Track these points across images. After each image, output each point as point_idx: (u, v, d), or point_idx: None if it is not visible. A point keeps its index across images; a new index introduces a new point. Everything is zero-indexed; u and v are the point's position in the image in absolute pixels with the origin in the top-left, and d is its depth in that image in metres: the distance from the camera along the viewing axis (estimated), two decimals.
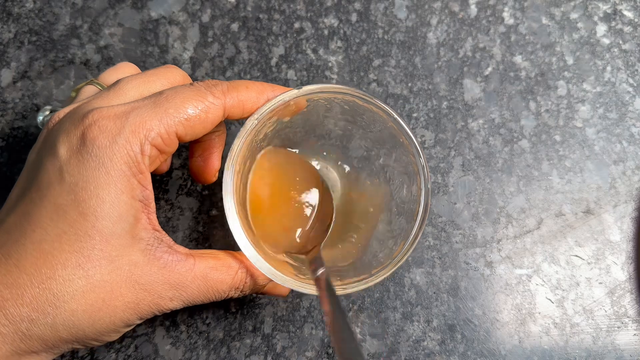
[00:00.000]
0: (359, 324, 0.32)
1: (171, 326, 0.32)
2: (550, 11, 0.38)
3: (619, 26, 0.38)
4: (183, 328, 0.32)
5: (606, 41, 0.38)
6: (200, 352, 0.31)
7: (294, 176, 0.31)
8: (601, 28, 0.38)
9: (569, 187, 0.35)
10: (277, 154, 0.31)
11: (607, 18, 0.38)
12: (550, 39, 0.38)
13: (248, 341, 0.32)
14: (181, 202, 0.34)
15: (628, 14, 0.39)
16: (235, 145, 0.26)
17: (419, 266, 0.33)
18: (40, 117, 0.30)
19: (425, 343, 0.32)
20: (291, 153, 0.32)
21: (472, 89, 0.37)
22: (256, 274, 0.26)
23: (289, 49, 0.37)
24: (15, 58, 0.35)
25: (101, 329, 0.22)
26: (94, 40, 0.36)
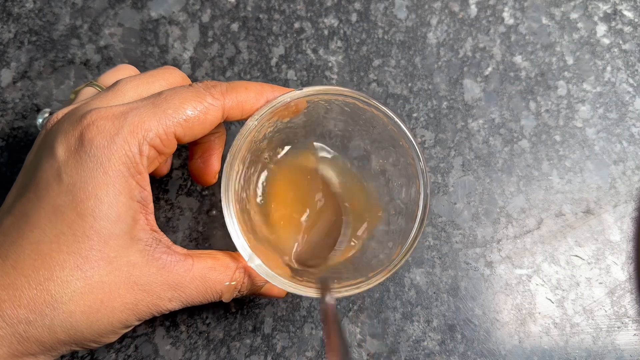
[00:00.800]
0: (359, 324, 0.32)
1: (171, 326, 0.32)
2: (550, 11, 0.38)
3: (619, 26, 0.38)
4: (183, 328, 0.32)
5: (606, 41, 0.38)
6: (200, 352, 0.31)
7: (306, 188, 0.31)
8: (601, 28, 0.38)
9: (569, 187, 0.35)
10: (290, 165, 0.31)
11: (607, 18, 0.38)
12: (550, 39, 0.38)
13: (248, 341, 0.32)
14: (181, 202, 0.34)
15: (628, 14, 0.39)
16: (234, 146, 0.26)
17: (419, 266, 0.33)
18: (39, 120, 0.30)
19: (425, 343, 0.32)
20: (304, 165, 0.32)
21: (472, 89, 0.37)
22: (254, 275, 0.26)
23: (289, 49, 0.36)
24: (15, 58, 0.35)
25: (99, 331, 0.22)
26: (94, 40, 0.36)
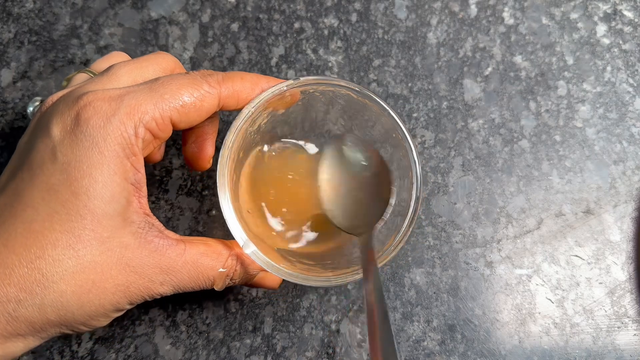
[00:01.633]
0: (359, 324, 0.32)
1: (171, 326, 0.32)
2: (550, 11, 0.38)
3: (619, 26, 0.38)
4: (183, 328, 0.32)
5: (606, 41, 0.38)
6: (200, 352, 0.31)
7: (302, 172, 0.31)
8: (601, 28, 0.38)
9: (569, 187, 0.35)
10: (284, 154, 0.31)
11: (607, 18, 0.38)
12: (550, 39, 0.38)
13: (248, 341, 0.32)
14: (181, 202, 0.33)
15: (628, 14, 0.39)
16: (230, 132, 0.26)
17: (419, 266, 0.33)
18: (30, 108, 0.30)
19: (425, 343, 0.32)
20: (298, 153, 0.32)
21: (472, 89, 0.37)
22: (247, 262, 0.26)
23: (289, 49, 0.36)
24: (15, 58, 0.35)
25: (90, 312, 0.22)
26: (94, 40, 0.36)
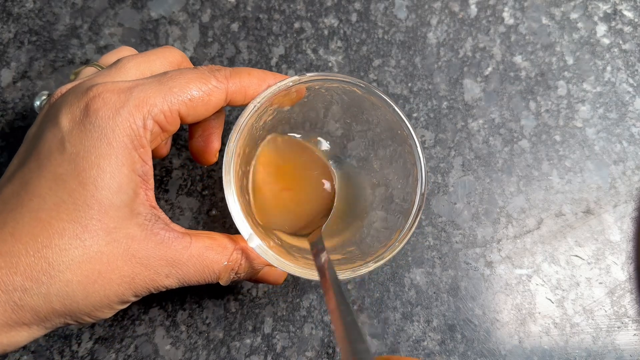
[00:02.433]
0: (359, 324, 0.32)
1: (171, 326, 0.32)
2: (550, 11, 0.38)
3: (619, 26, 0.38)
4: (183, 328, 0.32)
5: (606, 41, 0.38)
6: (200, 352, 0.31)
7: (298, 159, 0.31)
8: (601, 28, 0.38)
9: (569, 187, 0.35)
10: (282, 140, 0.31)
11: (607, 18, 0.38)
12: (550, 39, 0.38)
13: (248, 341, 0.32)
14: (181, 202, 0.33)
15: (628, 14, 0.39)
16: (236, 127, 0.26)
17: (419, 266, 0.33)
18: (37, 102, 0.30)
19: (425, 343, 0.32)
20: (295, 139, 0.32)
21: (472, 89, 0.37)
22: (252, 257, 0.26)
23: (289, 49, 0.36)
24: (15, 58, 0.35)
25: (95, 303, 0.22)
26: (94, 40, 0.36)
